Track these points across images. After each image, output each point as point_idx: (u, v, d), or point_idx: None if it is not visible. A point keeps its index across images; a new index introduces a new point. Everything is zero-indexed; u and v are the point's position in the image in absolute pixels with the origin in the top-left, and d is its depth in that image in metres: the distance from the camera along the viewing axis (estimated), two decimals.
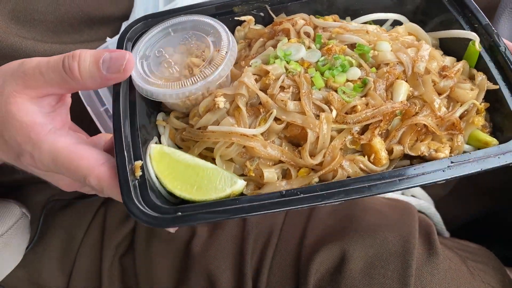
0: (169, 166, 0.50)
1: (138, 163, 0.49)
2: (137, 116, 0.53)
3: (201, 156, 0.53)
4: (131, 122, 0.52)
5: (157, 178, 0.50)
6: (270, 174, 0.50)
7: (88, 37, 0.74)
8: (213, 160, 0.52)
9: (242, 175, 0.52)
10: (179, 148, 0.56)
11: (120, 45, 0.59)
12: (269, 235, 0.70)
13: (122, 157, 0.48)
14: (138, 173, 0.48)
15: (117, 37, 0.63)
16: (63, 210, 0.82)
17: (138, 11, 0.76)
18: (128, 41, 0.59)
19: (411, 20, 0.63)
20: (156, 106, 0.58)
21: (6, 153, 0.53)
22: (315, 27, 0.58)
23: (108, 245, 0.76)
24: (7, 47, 0.66)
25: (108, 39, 0.74)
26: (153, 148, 0.51)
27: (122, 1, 0.76)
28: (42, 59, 0.51)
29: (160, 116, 0.58)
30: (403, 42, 0.56)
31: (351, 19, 0.63)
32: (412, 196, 0.84)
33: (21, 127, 0.50)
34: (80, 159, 0.49)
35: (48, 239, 0.79)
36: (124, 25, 0.75)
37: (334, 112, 0.51)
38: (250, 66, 0.55)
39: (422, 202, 0.82)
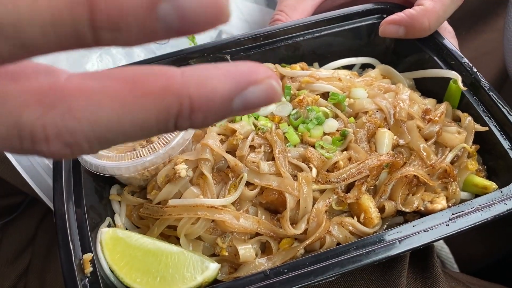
0: (125, 254, 0.42)
1: (88, 256, 0.40)
2: (83, 196, 0.44)
3: (163, 236, 0.45)
4: (76, 204, 0.44)
5: (111, 271, 0.41)
6: (247, 251, 0.42)
7: None
8: (177, 240, 0.44)
9: (213, 255, 0.44)
10: (137, 228, 0.48)
11: None
12: None
13: (66, 251, 0.40)
14: (88, 269, 0.39)
15: None
16: None
17: None
18: None
19: (382, 62, 0.59)
20: (108, 180, 0.50)
21: None
22: (282, 77, 0.53)
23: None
24: None
25: None
26: (105, 233, 0.43)
27: None
28: None
29: (114, 190, 0.50)
30: (379, 87, 0.51)
31: (320, 66, 0.58)
32: None
33: None
34: None
35: None
36: None
37: (314, 171, 0.44)
38: (214, 125, 0.49)
39: None
